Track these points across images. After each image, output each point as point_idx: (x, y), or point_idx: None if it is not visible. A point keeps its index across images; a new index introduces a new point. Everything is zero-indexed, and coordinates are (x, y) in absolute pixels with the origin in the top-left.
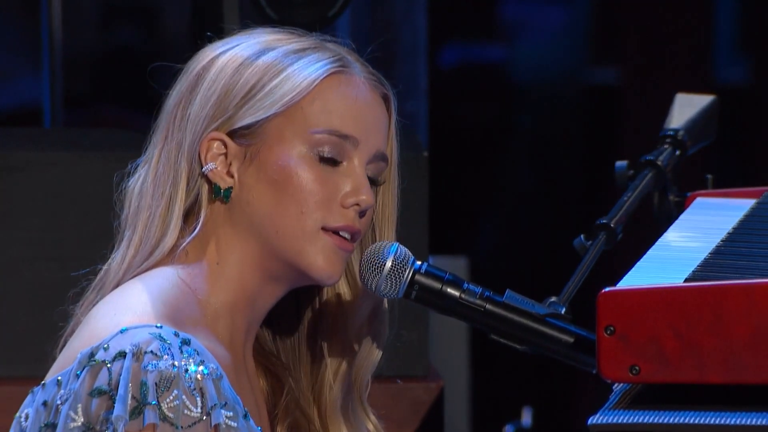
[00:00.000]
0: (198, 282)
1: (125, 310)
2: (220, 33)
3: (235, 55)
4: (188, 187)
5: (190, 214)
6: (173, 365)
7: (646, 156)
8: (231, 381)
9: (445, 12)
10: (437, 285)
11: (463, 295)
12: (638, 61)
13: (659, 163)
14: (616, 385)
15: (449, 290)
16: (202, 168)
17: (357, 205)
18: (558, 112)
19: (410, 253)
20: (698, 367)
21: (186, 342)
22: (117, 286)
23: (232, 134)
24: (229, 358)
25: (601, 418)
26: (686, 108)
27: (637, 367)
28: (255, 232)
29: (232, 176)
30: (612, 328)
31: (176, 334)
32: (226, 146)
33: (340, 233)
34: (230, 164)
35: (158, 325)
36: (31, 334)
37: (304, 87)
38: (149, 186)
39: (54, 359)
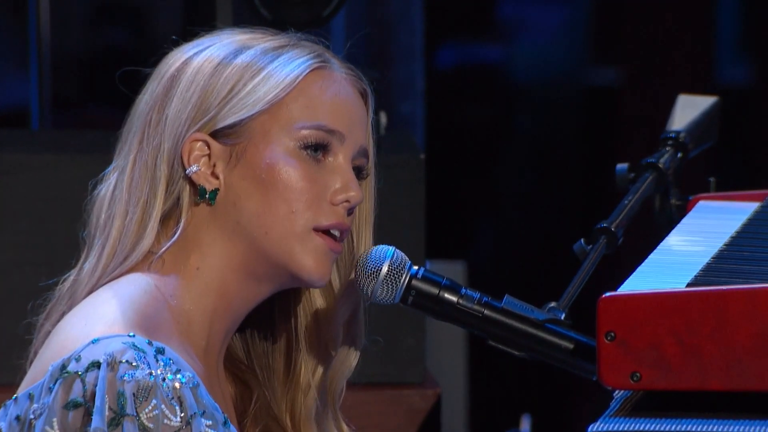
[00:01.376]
0: (173, 288)
1: (96, 320)
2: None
3: (211, 55)
4: (167, 191)
5: (168, 219)
6: (150, 374)
7: (647, 158)
8: (206, 386)
9: (443, 12)
10: (434, 290)
11: (460, 301)
12: (639, 62)
13: (661, 165)
14: (616, 392)
15: (446, 295)
16: (184, 171)
17: (347, 201)
18: (557, 113)
19: (407, 258)
20: (700, 374)
21: (160, 351)
22: (89, 294)
23: (215, 135)
24: (202, 367)
25: (601, 426)
26: (688, 109)
27: (638, 374)
28: (242, 233)
29: (216, 177)
30: (612, 334)
31: (150, 343)
32: (209, 147)
33: (331, 231)
34: (214, 165)
35: (131, 334)
36: (19, 341)
37: (288, 83)
38: (124, 192)
39: (25, 372)
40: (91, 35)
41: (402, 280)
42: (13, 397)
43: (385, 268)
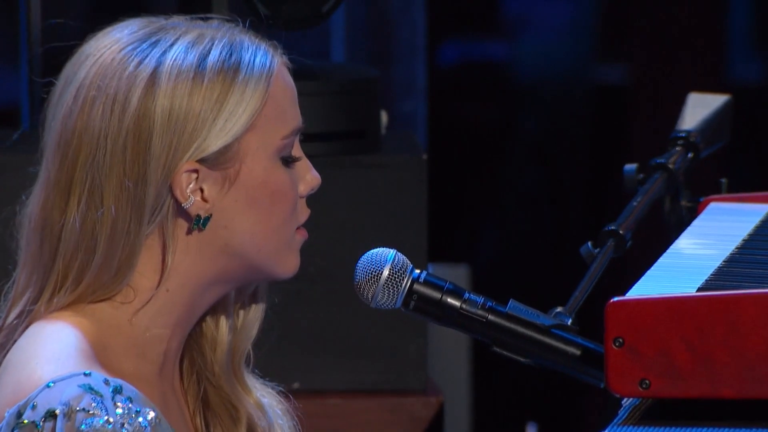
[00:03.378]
0: (133, 312)
1: (48, 357)
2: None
3: (178, 72)
4: (150, 220)
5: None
6: (108, 422)
7: (656, 159)
8: (162, 411)
9: (445, 7)
10: (437, 295)
11: (464, 306)
12: (648, 59)
13: (671, 166)
14: (625, 399)
15: (449, 300)
16: (173, 200)
17: (312, 189)
18: (564, 112)
19: (408, 261)
20: (711, 381)
21: (117, 390)
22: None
23: (204, 160)
24: (158, 387)
25: None
26: (699, 108)
27: (647, 381)
28: (229, 252)
29: (206, 201)
30: (621, 340)
31: (106, 382)
32: (198, 174)
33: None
34: (202, 190)
35: (86, 372)
36: None
37: (261, 92)
38: (104, 226)
39: None
40: (83, 31)
41: (403, 284)
42: None
43: (385, 272)
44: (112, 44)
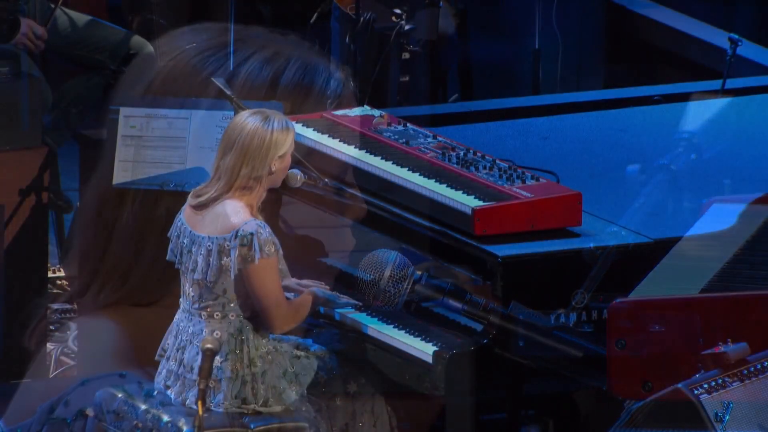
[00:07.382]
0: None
1: (87, 353)
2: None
3: (251, 85)
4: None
5: None
6: (137, 426)
7: (659, 160)
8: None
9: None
10: (438, 296)
11: (465, 307)
12: (652, 62)
13: (672, 167)
14: (627, 402)
15: (451, 302)
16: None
17: None
18: (567, 112)
19: (410, 263)
20: (715, 383)
21: (150, 394)
22: None
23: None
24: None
25: None
26: (701, 110)
27: (649, 384)
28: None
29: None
30: (623, 342)
31: (140, 384)
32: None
33: None
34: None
35: (122, 373)
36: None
37: None
38: (154, 231)
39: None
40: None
41: (405, 286)
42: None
43: (387, 273)
44: (188, 47)
